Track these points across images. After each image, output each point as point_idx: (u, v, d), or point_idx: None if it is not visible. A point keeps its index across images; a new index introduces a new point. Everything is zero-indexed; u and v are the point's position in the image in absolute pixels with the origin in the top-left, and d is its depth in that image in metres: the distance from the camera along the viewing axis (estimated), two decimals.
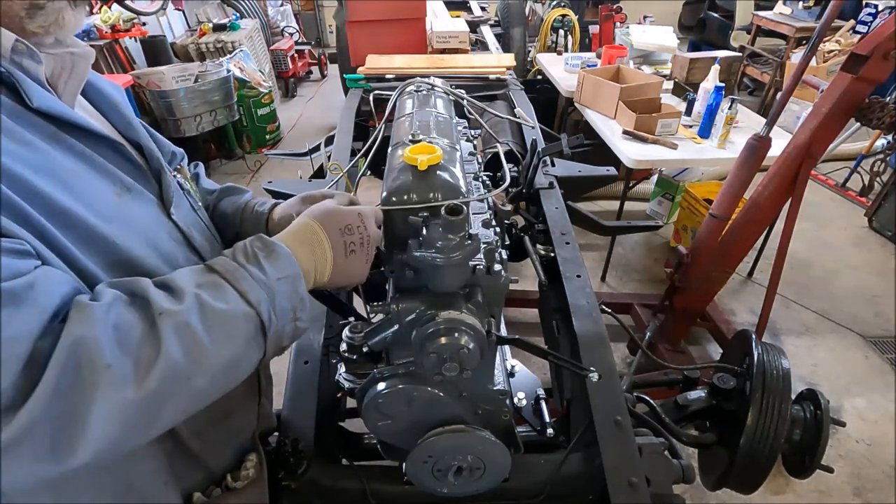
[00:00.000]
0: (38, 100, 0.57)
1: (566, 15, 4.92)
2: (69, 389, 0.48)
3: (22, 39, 0.58)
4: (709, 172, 3.82)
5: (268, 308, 0.61)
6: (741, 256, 2.27)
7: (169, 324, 0.53)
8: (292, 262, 0.67)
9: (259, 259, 0.64)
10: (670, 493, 1.01)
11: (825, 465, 1.20)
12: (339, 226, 0.74)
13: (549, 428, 1.11)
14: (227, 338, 0.58)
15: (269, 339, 0.62)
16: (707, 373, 1.42)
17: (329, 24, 7.93)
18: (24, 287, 0.49)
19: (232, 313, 0.58)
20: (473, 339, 0.78)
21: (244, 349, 0.60)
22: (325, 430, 1.13)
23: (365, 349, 0.88)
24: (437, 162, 0.81)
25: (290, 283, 0.65)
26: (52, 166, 0.57)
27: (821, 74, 4.36)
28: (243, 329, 0.60)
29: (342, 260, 0.74)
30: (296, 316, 0.66)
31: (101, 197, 0.62)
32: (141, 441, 0.56)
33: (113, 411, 0.50)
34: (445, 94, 1.24)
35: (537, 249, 1.49)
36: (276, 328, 0.63)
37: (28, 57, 0.59)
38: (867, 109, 1.82)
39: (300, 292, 0.67)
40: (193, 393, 0.56)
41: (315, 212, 0.76)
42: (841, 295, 3.10)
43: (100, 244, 0.59)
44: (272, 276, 0.63)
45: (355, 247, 0.75)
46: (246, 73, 4.63)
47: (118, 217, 0.63)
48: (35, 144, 0.56)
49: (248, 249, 0.65)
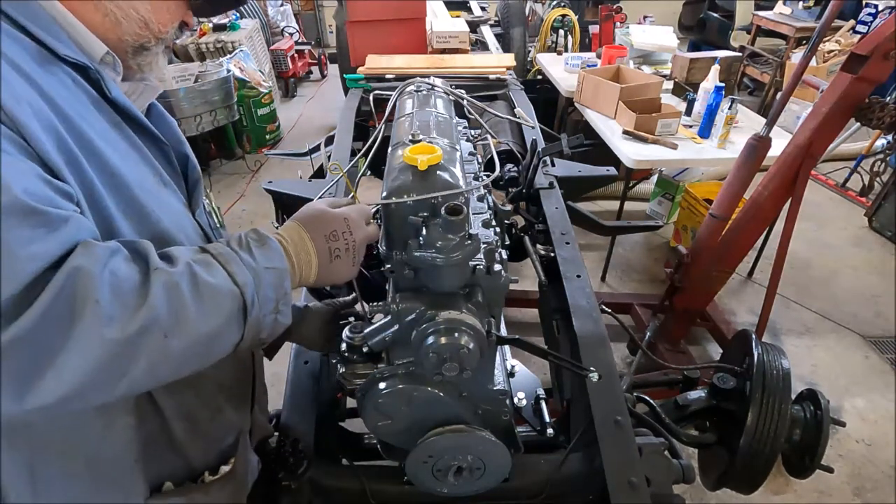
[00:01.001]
0: (115, 92, 0.67)
1: (566, 15, 4.91)
2: (57, 315, 0.50)
3: (111, 52, 0.69)
4: (709, 172, 3.81)
5: (252, 292, 0.64)
6: (741, 256, 2.27)
7: (160, 280, 0.57)
8: (282, 257, 0.70)
9: (251, 247, 0.68)
10: (670, 493, 1.01)
11: (825, 465, 1.21)
12: (325, 232, 0.77)
13: (549, 428, 1.11)
14: (210, 309, 0.60)
15: (248, 323, 0.65)
16: (707, 373, 1.42)
17: (329, 24, 7.92)
18: (58, 218, 0.53)
19: (218, 288, 0.62)
20: (473, 339, 0.78)
21: (224, 325, 0.62)
22: (325, 430, 1.13)
23: (365, 349, 0.88)
24: (437, 162, 0.81)
25: (276, 275, 0.68)
26: (112, 139, 0.66)
27: (821, 74, 4.36)
28: (227, 305, 0.62)
29: (326, 264, 0.77)
30: (277, 308, 0.69)
31: (145, 178, 0.69)
32: (108, 394, 0.57)
33: (90, 347, 0.52)
34: (445, 94, 1.24)
35: (537, 249, 1.49)
36: (258, 314, 0.65)
37: (111, 68, 0.70)
38: (867, 109, 1.82)
39: (285, 286, 0.70)
40: (168, 354, 0.58)
41: (301, 216, 0.79)
42: (841, 295, 3.10)
43: (138, 210, 0.66)
44: (261, 264, 0.67)
45: (340, 252, 0.78)
46: (246, 73, 4.63)
47: (156, 197, 0.70)
48: (103, 122, 0.66)
49: (242, 239, 0.69)
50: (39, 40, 0.61)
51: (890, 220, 3.57)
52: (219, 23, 5.19)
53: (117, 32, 0.69)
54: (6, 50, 0.57)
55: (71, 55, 0.63)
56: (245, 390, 0.92)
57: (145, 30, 0.71)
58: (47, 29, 0.62)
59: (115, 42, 0.69)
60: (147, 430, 0.73)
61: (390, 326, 0.84)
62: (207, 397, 0.81)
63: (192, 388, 0.77)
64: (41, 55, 0.61)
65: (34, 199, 0.52)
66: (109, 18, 0.67)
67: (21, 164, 0.52)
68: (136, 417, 0.71)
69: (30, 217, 0.51)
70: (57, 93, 0.60)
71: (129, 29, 0.69)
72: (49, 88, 0.59)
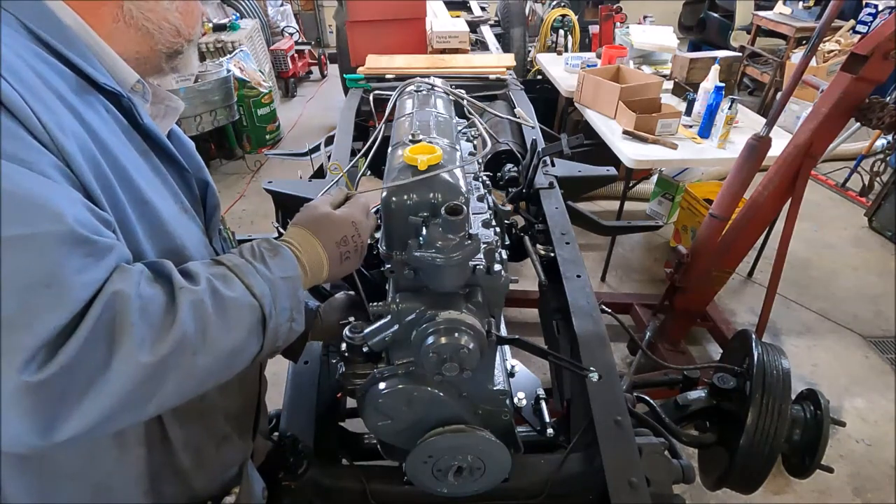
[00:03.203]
0: (146, 120, 0.69)
1: (566, 15, 4.91)
2: (98, 342, 0.51)
3: (142, 80, 0.71)
4: (709, 172, 3.81)
5: (270, 303, 0.65)
6: (741, 256, 2.27)
7: (186, 298, 0.57)
8: (294, 266, 0.71)
9: (265, 258, 0.68)
10: (670, 493, 1.01)
11: (825, 465, 1.21)
12: (336, 238, 0.78)
13: (549, 428, 1.11)
14: (232, 323, 0.61)
15: (267, 333, 0.65)
16: (707, 373, 1.42)
17: (329, 24, 7.92)
18: (105, 247, 0.55)
19: (239, 301, 0.62)
20: (473, 339, 0.78)
21: (246, 338, 0.63)
22: (325, 430, 1.13)
23: (365, 349, 0.88)
24: (436, 162, 0.81)
25: (291, 284, 0.69)
26: (141, 167, 0.67)
27: (821, 74, 4.36)
28: (247, 318, 0.63)
29: (337, 266, 0.78)
30: (292, 316, 0.70)
31: (168, 203, 0.70)
32: (135, 417, 0.57)
33: (126, 372, 0.52)
34: (445, 94, 1.24)
35: (537, 249, 1.49)
36: (275, 323, 0.66)
37: (141, 96, 0.72)
38: (867, 109, 1.82)
39: (299, 296, 0.71)
40: (195, 371, 0.58)
41: (309, 221, 0.79)
42: (841, 295, 3.10)
43: (164, 237, 0.67)
44: (276, 275, 0.67)
45: (350, 254, 0.80)
46: (246, 73, 4.63)
47: (180, 223, 0.71)
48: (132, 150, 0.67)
49: (255, 249, 0.69)
50: (77, 68, 0.62)
51: (890, 220, 3.57)
52: (219, 23, 5.19)
53: (150, 44, 0.70)
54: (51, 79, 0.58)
55: (108, 83, 0.64)
56: (250, 417, 0.93)
57: (177, 37, 0.72)
58: (84, 56, 0.63)
59: (148, 53, 0.70)
60: (155, 461, 0.73)
61: (390, 326, 0.84)
62: (215, 427, 0.81)
63: (201, 418, 0.78)
64: (79, 84, 0.62)
65: (84, 228, 0.53)
66: (143, 32, 0.68)
67: (70, 194, 0.53)
68: (146, 448, 0.71)
69: (82, 246, 0.52)
70: (94, 122, 0.61)
71: (162, 39, 0.70)
72: (88, 117, 0.60)
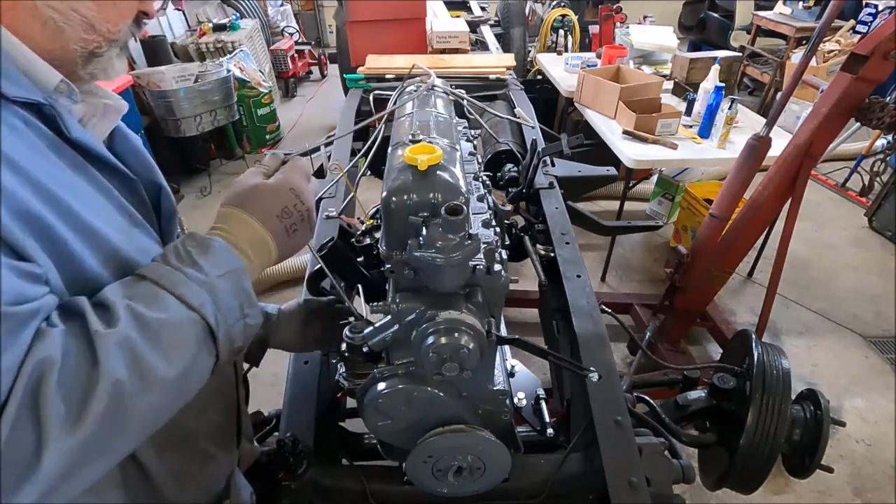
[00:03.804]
0: (75, 132, 0.59)
1: (566, 15, 4.91)
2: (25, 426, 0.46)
3: (66, 80, 0.60)
4: (709, 172, 3.81)
5: (212, 309, 0.58)
6: (741, 256, 2.27)
7: (107, 343, 0.50)
8: (231, 257, 0.62)
9: (194, 258, 0.59)
10: (670, 493, 1.01)
11: (825, 465, 1.21)
12: (275, 212, 0.68)
13: (549, 428, 1.11)
14: (172, 348, 0.54)
15: (219, 342, 0.59)
16: (707, 373, 1.42)
17: (329, 24, 7.92)
18: (28, 314, 0.48)
19: (173, 321, 0.55)
20: (473, 339, 0.78)
21: (193, 356, 0.57)
22: (325, 430, 1.13)
23: (365, 349, 0.88)
24: (437, 162, 0.81)
25: (232, 279, 0.61)
26: (76, 186, 0.58)
27: (821, 74, 4.36)
28: (189, 335, 0.56)
29: (284, 242, 0.70)
30: (243, 312, 0.62)
31: (116, 222, 0.62)
32: (97, 473, 0.52)
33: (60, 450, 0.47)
34: (445, 94, 1.24)
35: (537, 249, 1.49)
36: (225, 328, 0.60)
37: (67, 96, 0.61)
38: (867, 109, 1.82)
39: (245, 287, 0.63)
40: (144, 411, 0.52)
41: (240, 199, 0.68)
42: (841, 295, 3.10)
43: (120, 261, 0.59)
44: (212, 274, 0.59)
45: (297, 224, 0.71)
46: (246, 73, 4.63)
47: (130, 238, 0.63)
48: (64, 169, 0.58)
49: (180, 250, 0.60)
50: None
51: (890, 220, 3.57)
52: (219, 23, 5.19)
53: (60, 41, 0.59)
54: None
55: (23, 95, 0.54)
56: (232, 429, 0.88)
57: (91, 33, 0.61)
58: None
59: (61, 52, 0.60)
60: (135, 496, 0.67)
61: (390, 326, 0.83)
62: (195, 450, 0.77)
63: (180, 445, 0.73)
64: None
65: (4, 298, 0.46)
66: (49, 26, 0.58)
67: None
68: (124, 488, 0.66)
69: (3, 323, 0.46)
70: (11, 146, 0.51)
71: (73, 35, 0.60)
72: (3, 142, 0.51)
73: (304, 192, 0.72)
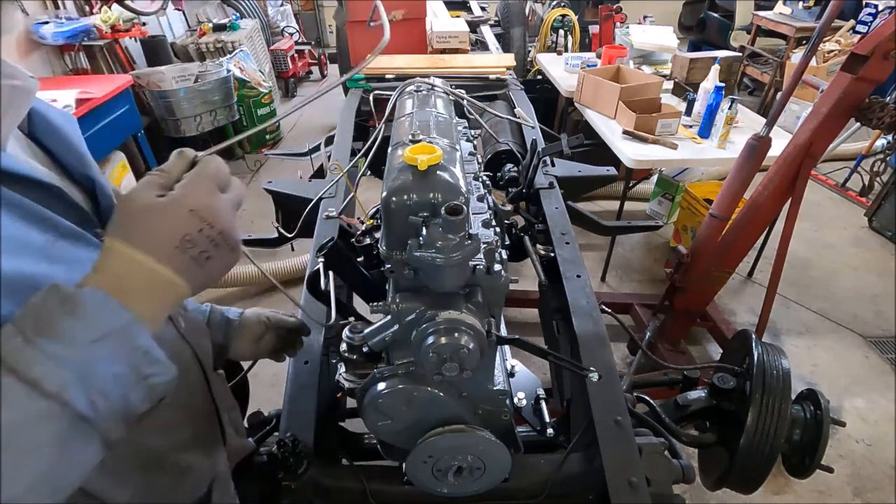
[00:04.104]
0: None
1: (566, 15, 4.92)
2: None
3: None
4: (709, 172, 3.82)
5: (80, 390, 0.44)
6: (741, 256, 2.27)
7: None
8: (113, 312, 0.47)
9: (55, 324, 0.45)
10: (670, 493, 1.01)
11: (825, 465, 1.21)
12: (173, 242, 0.51)
13: (549, 428, 1.11)
14: (21, 453, 0.41)
15: (100, 426, 0.45)
16: (707, 373, 1.42)
17: (329, 24, 7.92)
18: None
19: (19, 423, 0.41)
20: (473, 339, 0.78)
21: (61, 454, 0.44)
22: (325, 430, 1.13)
23: (365, 349, 0.88)
24: (437, 162, 0.81)
25: (115, 341, 0.47)
26: None
27: (821, 74, 4.36)
28: (48, 434, 0.43)
29: (197, 273, 0.54)
30: (140, 374, 0.48)
31: (34, 246, 0.52)
32: None
33: None
34: (445, 94, 1.24)
35: (537, 249, 1.49)
36: (107, 406, 0.46)
37: None
38: (867, 109, 1.82)
39: (139, 344, 0.48)
40: None
41: (118, 226, 0.52)
42: (841, 295, 3.10)
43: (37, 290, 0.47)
44: (81, 342, 0.45)
45: (210, 251, 0.53)
46: (246, 73, 4.63)
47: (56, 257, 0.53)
48: None
49: (37, 315, 0.45)
50: None
51: (890, 220, 3.57)
52: (219, 23, 5.19)
53: None
54: None
55: None
56: (212, 432, 0.82)
57: None
58: None
59: None
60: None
61: (390, 326, 0.83)
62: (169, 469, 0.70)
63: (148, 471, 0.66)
64: None
65: None
66: None
67: None
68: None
69: None
70: None
71: None
72: None
73: (214, 211, 0.54)
